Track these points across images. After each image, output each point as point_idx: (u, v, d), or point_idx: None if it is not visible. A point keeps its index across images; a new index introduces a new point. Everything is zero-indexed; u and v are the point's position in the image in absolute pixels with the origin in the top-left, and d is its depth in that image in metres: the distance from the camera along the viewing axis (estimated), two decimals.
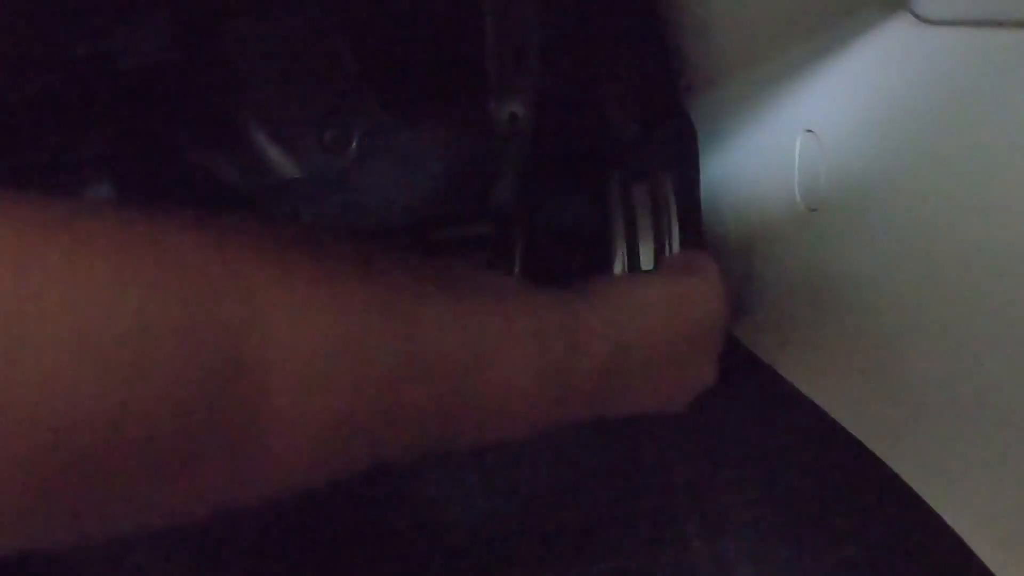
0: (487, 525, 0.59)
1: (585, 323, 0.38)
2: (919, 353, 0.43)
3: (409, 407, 0.30)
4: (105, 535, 0.24)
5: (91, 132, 0.69)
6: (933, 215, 0.40)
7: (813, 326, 0.52)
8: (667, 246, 0.58)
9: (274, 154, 0.72)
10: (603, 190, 0.61)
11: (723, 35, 0.53)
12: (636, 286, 0.44)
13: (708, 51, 0.58)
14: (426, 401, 0.30)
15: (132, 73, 0.65)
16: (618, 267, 0.58)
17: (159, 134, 0.71)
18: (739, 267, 0.60)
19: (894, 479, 0.44)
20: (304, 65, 0.69)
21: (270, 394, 0.25)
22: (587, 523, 0.58)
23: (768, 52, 0.51)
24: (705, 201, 0.63)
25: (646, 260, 0.57)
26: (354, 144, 0.71)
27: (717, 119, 0.61)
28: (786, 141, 0.52)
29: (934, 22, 0.39)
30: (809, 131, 0.50)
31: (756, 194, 0.57)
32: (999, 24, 0.36)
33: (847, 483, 0.48)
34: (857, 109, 0.45)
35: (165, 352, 0.22)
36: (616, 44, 0.65)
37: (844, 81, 0.46)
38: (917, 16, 0.40)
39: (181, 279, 0.23)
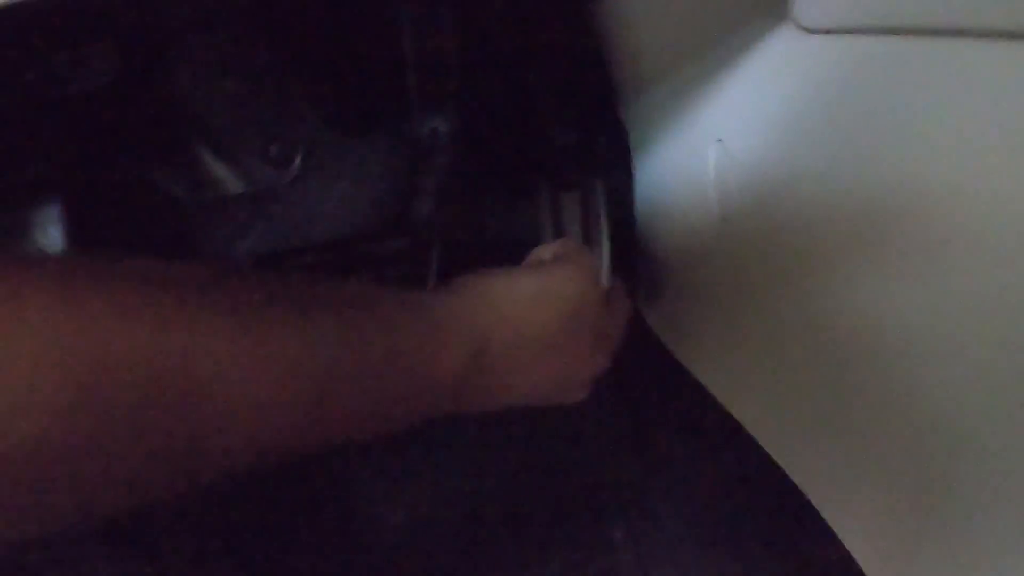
0: (419, 529, 0.60)
1: (443, 331, 0.39)
2: (821, 361, 0.43)
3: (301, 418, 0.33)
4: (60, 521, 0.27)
5: (41, 152, 0.71)
6: (828, 222, 0.41)
7: (728, 336, 0.52)
8: (599, 255, 0.58)
9: (219, 170, 0.73)
10: (533, 200, 0.61)
11: (640, 45, 0.54)
12: (500, 281, 0.43)
13: (632, 60, 0.58)
14: (302, 413, 0.32)
15: (80, 95, 0.66)
16: None
17: (107, 153, 0.72)
18: (668, 276, 0.61)
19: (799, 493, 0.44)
20: (246, 84, 0.70)
21: (213, 402, 0.29)
22: (518, 527, 0.58)
23: (677, 63, 0.51)
24: (638, 209, 0.64)
25: None
26: (298, 159, 0.72)
27: (646, 128, 0.62)
28: (702, 151, 0.52)
29: (815, 31, 0.39)
30: (719, 140, 0.50)
31: (680, 203, 0.57)
32: (874, 31, 0.36)
33: (761, 496, 0.49)
34: (755, 118, 0.45)
35: (124, 372, 0.26)
36: (552, 55, 0.65)
37: (743, 91, 0.46)
38: (800, 26, 0.40)
39: (138, 311, 0.27)
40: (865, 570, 0.38)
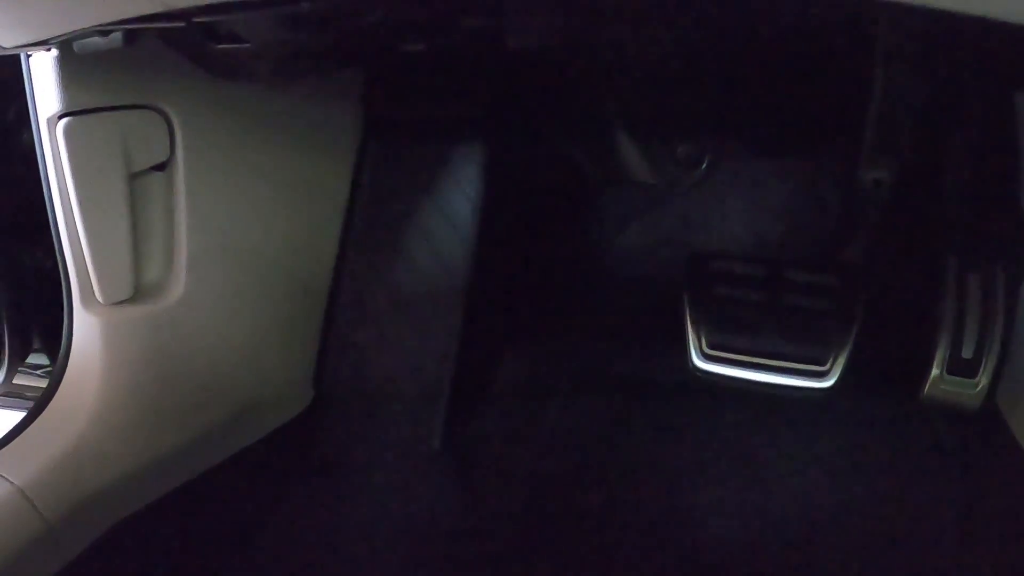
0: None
1: None
2: None
3: None
4: None
5: (470, 96, 0.75)
6: None
7: None
8: (990, 342, 0.62)
9: (632, 156, 0.78)
10: (939, 272, 0.65)
11: None
12: None
13: None
14: None
15: (515, 52, 0.70)
16: (940, 352, 0.62)
17: (530, 114, 0.76)
18: None
19: None
20: (671, 78, 0.73)
21: None
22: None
23: None
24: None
25: (967, 351, 0.62)
26: (704, 163, 0.76)
27: None
28: None
29: None
30: None
31: None
32: None
33: None
34: None
35: None
36: (972, 133, 0.68)
37: None
38: None
39: None
40: None
